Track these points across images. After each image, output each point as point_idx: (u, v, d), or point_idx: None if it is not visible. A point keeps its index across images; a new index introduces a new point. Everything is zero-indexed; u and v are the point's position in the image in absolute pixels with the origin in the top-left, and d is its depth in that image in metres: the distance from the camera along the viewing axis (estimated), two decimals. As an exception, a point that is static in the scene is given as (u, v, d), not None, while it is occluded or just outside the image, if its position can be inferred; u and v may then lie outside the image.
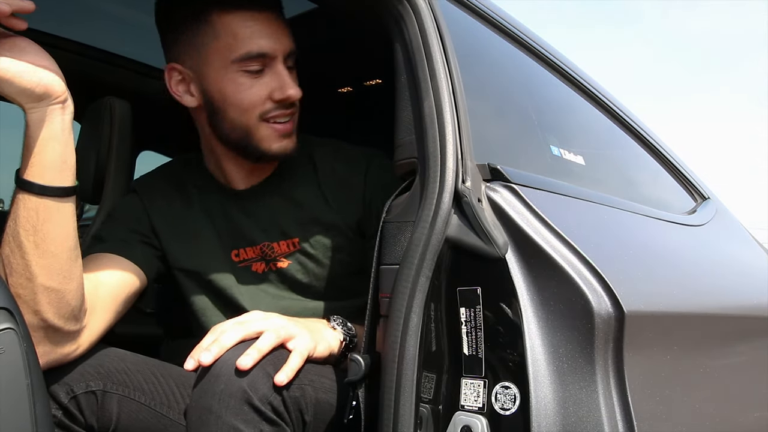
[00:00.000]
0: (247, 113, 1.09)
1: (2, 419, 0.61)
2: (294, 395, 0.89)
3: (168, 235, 1.16)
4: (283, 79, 1.09)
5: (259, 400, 0.84)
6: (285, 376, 0.87)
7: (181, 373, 1.07)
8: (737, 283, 1.39)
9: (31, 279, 0.82)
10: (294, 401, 0.89)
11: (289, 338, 0.92)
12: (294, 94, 1.09)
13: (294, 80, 1.12)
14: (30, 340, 0.68)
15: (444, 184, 0.86)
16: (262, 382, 0.86)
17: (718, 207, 1.71)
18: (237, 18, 1.07)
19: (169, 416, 1.01)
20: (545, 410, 0.77)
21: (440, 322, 0.85)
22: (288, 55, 1.11)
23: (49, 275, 0.83)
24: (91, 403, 0.91)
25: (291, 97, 1.09)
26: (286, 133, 1.11)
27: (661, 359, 0.91)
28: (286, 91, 1.09)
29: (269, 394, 0.86)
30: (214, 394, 0.85)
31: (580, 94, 1.51)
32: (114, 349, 0.99)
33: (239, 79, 1.08)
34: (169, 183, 1.22)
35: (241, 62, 1.07)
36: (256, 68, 1.08)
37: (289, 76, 1.10)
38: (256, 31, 1.07)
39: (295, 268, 1.16)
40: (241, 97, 1.08)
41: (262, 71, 1.09)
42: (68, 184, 0.84)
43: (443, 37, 0.96)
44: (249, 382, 0.85)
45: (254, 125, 1.09)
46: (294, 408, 0.89)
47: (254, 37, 1.07)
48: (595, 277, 0.81)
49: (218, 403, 0.84)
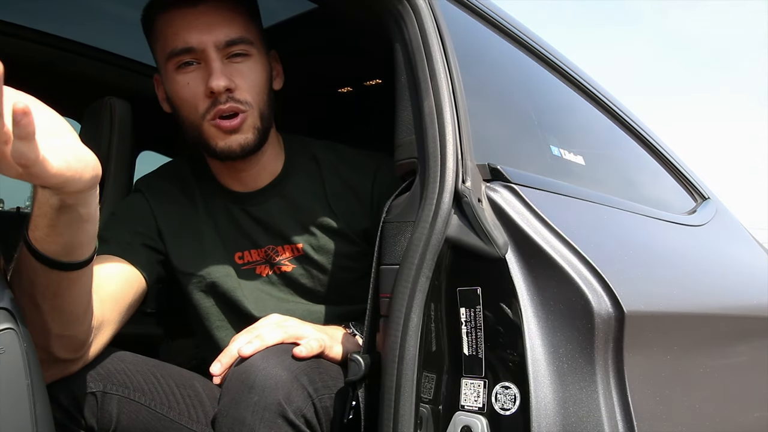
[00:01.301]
0: (193, 113, 1.07)
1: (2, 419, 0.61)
2: (325, 405, 0.89)
3: (173, 237, 1.15)
4: (210, 70, 1.04)
5: (293, 413, 0.84)
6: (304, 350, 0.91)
7: (181, 373, 1.07)
8: (737, 283, 1.39)
9: (45, 331, 0.79)
10: (325, 411, 0.89)
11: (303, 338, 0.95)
12: (216, 86, 1.02)
13: (236, 70, 1.05)
14: (30, 340, 0.67)
15: (444, 184, 0.86)
16: (297, 394, 0.85)
17: (718, 207, 1.71)
18: (167, 17, 1.07)
19: (169, 416, 1.00)
20: (545, 410, 0.77)
21: (440, 322, 0.85)
22: (228, 43, 1.06)
23: (64, 327, 0.81)
24: (90, 404, 0.91)
25: (212, 89, 1.03)
26: (231, 130, 1.06)
27: (661, 359, 0.91)
28: (209, 83, 1.03)
29: (303, 407, 0.85)
30: (248, 405, 0.84)
31: (580, 94, 1.51)
32: (114, 350, 0.99)
33: (177, 78, 1.07)
34: (174, 184, 1.21)
35: (173, 60, 1.06)
36: (191, 64, 1.06)
37: (221, 67, 1.04)
38: (182, 26, 1.05)
39: (299, 272, 1.15)
40: (183, 96, 1.07)
41: (200, 66, 1.06)
42: (92, 251, 0.78)
43: (443, 37, 0.96)
44: (284, 395, 0.84)
45: (200, 124, 1.07)
46: (325, 418, 0.89)
47: (180, 33, 1.05)
48: (595, 277, 0.81)
49: (252, 415, 0.83)
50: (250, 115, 1.08)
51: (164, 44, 1.07)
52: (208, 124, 1.07)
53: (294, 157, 1.20)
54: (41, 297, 0.76)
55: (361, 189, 1.17)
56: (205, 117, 1.06)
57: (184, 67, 1.06)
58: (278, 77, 1.18)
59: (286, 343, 0.93)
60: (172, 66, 1.07)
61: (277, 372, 0.87)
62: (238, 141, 1.07)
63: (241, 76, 1.07)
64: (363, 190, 1.16)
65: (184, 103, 1.07)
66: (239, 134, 1.07)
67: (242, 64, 1.07)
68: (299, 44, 1.46)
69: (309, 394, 0.87)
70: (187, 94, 1.06)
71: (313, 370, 0.90)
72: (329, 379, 0.92)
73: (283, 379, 0.86)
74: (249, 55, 1.08)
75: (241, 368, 0.89)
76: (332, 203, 1.16)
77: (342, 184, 1.18)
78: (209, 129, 1.07)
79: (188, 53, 1.06)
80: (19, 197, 2.68)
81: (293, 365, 0.89)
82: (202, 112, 1.06)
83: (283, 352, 0.91)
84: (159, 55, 1.11)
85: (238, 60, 1.07)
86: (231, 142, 1.07)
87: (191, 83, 1.06)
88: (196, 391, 1.07)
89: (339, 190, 1.17)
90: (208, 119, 1.06)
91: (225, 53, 1.06)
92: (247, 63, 1.08)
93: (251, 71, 1.08)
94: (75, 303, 0.80)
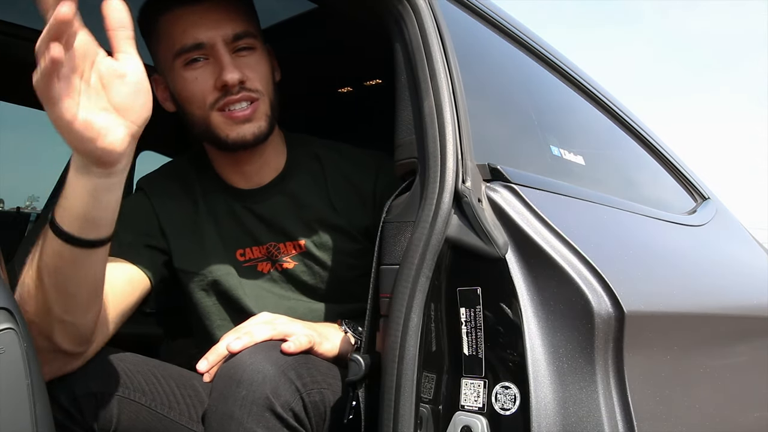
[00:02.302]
0: (201, 106, 1.08)
1: (2, 419, 0.61)
2: (314, 400, 0.89)
3: (175, 236, 1.15)
4: (221, 64, 1.06)
5: (281, 407, 0.84)
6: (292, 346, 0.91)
7: (181, 373, 1.07)
8: (737, 283, 1.39)
9: (48, 312, 0.80)
10: (314, 406, 0.89)
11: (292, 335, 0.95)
12: (230, 79, 1.05)
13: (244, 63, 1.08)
14: (30, 340, 0.67)
15: (444, 184, 0.86)
16: (285, 388, 0.86)
17: (718, 207, 1.71)
18: (173, 17, 1.08)
19: (169, 417, 1.00)
20: (545, 410, 0.77)
21: (440, 322, 0.85)
22: (235, 38, 1.08)
23: (65, 311, 0.81)
24: (91, 404, 0.91)
25: (226, 82, 1.05)
26: (244, 119, 1.08)
27: (661, 359, 0.91)
28: (223, 77, 1.05)
29: (291, 401, 0.86)
30: (236, 400, 0.85)
31: (580, 94, 1.51)
32: (114, 350, 0.99)
33: (185, 74, 1.08)
34: (176, 182, 1.21)
35: (181, 57, 1.07)
36: (199, 60, 1.07)
37: (231, 61, 1.06)
38: (189, 24, 1.07)
39: (301, 269, 1.15)
40: (191, 91, 1.08)
41: (208, 62, 1.08)
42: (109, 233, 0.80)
43: (443, 37, 0.96)
44: (272, 389, 0.85)
45: (209, 115, 1.08)
46: (314, 413, 0.89)
47: (188, 30, 1.07)
48: (595, 277, 0.81)
49: (240, 410, 0.84)
50: (262, 103, 1.10)
51: (171, 43, 1.08)
52: (217, 114, 1.08)
53: (296, 155, 1.21)
54: (46, 269, 0.78)
55: (364, 187, 1.17)
56: (213, 107, 1.08)
57: (192, 64, 1.08)
58: (276, 71, 1.20)
59: (274, 339, 0.94)
60: (180, 63, 1.08)
61: (265, 367, 0.87)
62: (251, 130, 1.09)
63: (250, 68, 1.09)
64: (365, 189, 1.17)
65: (193, 98, 1.09)
66: (252, 123, 1.09)
67: (249, 57, 1.10)
68: (299, 44, 1.46)
69: (297, 389, 0.87)
70: (196, 88, 1.08)
71: (301, 366, 0.91)
72: (318, 375, 0.93)
73: (270, 374, 0.86)
74: (254, 48, 1.11)
75: (229, 364, 0.90)
76: (334, 201, 1.17)
77: (344, 182, 1.18)
78: (218, 120, 1.08)
79: (198, 49, 1.07)
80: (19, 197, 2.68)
81: (281, 360, 0.90)
82: (210, 102, 1.08)
83: (271, 348, 0.92)
84: (163, 55, 1.11)
85: (245, 53, 1.10)
86: (244, 131, 1.08)
87: (200, 78, 1.08)
88: (196, 391, 1.07)
89: (341, 187, 1.18)
90: (216, 109, 1.08)
91: (232, 47, 1.08)
92: (253, 56, 1.11)
93: (258, 63, 1.11)
94: (78, 285, 0.80)
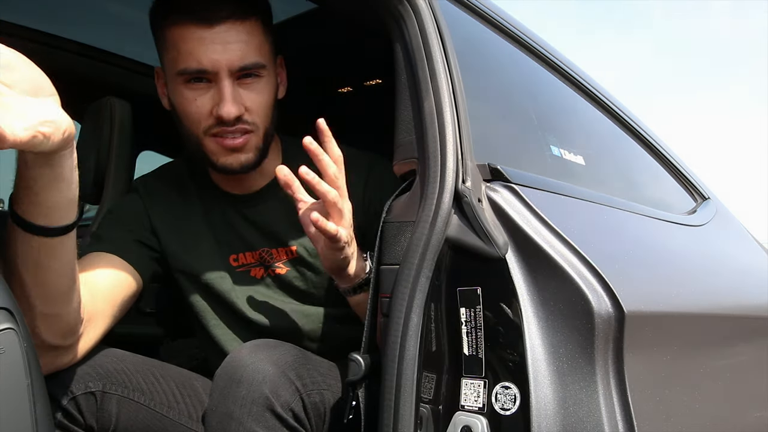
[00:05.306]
0: (195, 126, 1.06)
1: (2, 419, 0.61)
2: (314, 400, 0.89)
3: (168, 237, 1.15)
4: (221, 96, 1.03)
5: (281, 406, 0.85)
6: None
7: (181, 373, 1.07)
8: (737, 283, 1.39)
9: (30, 308, 0.79)
10: (314, 406, 0.89)
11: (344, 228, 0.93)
12: (226, 114, 1.02)
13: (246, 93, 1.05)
14: (30, 340, 0.67)
15: (444, 184, 0.86)
16: (285, 388, 0.86)
17: (718, 207, 1.71)
18: (182, 32, 1.03)
19: (168, 416, 1.01)
20: (545, 410, 0.77)
21: (440, 322, 0.85)
22: (241, 68, 1.04)
23: (47, 304, 0.80)
24: (90, 404, 0.91)
25: (222, 116, 1.03)
26: (234, 149, 1.06)
27: (661, 359, 0.91)
28: (220, 110, 1.03)
29: (291, 401, 0.86)
30: (236, 399, 0.85)
31: (580, 94, 1.51)
32: (113, 350, 0.99)
33: (184, 92, 1.05)
34: (171, 184, 1.21)
35: (183, 76, 1.04)
36: (200, 81, 1.04)
37: (232, 93, 1.03)
38: (197, 46, 1.02)
39: (293, 275, 1.15)
40: (187, 110, 1.06)
41: (210, 85, 1.04)
42: (73, 219, 0.77)
43: (443, 37, 0.96)
44: (272, 389, 0.85)
45: (202, 138, 1.06)
46: (314, 413, 0.89)
47: (194, 53, 1.02)
48: (595, 277, 0.81)
49: (240, 409, 0.84)
50: (255, 136, 1.08)
51: (175, 57, 1.05)
52: (210, 139, 1.06)
53: (290, 160, 1.20)
54: (24, 268, 0.76)
55: (353, 188, 1.17)
56: (207, 132, 1.06)
57: (193, 83, 1.05)
58: (282, 85, 1.16)
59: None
60: (181, 79, 1.05)
61: (265, 367, 0.87)
62: (239, 160, 1.07)
63: (251, 99, 1.06)
64: (355, 189, 1.16)
65: (189, 117, 1.06)
66: (241, 153, 1.07)
67: (254, 84, 1.06)
68: (299, 44, 1.46)
69: (297, 389, 0.87)
70: (193, 109, 1.05)
71: (302, 366, 0.91)
72: (318, 375, 0.93)
73: (270, 374, 0.86)
74: (260, 76, 1.07)
75: (229, 364, 0.90)
76: None
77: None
78: (210, 145, 1.07)
79: (202, 74, 1.04)
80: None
81: (281, 360, 0.90)
82: (204, 128, 1.06)
83: (272, 347, 0.92)
84: (166, 62, 1.08)
85: (250, 80, 1.06)
86: (232, 160, 1.07)
87: (198, 100, 1.05)
88: (196, 391, 1.07)
89: None
90: (210, 134, 1.06)
91: (237, 75, 1.05)
92: (258, 84, 1.07)
93: (260, 93, 1.07)
94: (57, 276, 0.79)
